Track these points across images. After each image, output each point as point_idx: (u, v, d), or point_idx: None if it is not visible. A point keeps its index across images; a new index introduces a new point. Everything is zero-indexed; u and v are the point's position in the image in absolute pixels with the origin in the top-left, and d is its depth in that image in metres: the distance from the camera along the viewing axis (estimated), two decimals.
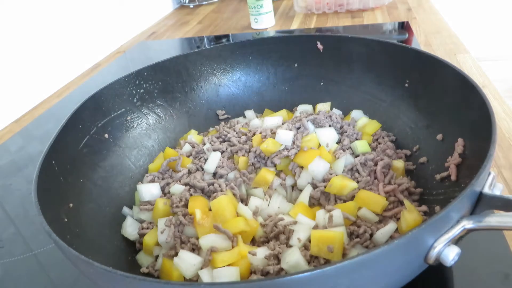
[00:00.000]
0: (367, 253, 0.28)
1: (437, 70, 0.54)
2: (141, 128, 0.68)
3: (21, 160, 0.81)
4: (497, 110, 0.74)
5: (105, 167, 0.59)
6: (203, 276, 0.43)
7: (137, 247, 0.52)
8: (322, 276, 0.28)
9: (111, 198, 0.57)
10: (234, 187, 0.54)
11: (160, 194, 0.57)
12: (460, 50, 0.99)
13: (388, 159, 0.56)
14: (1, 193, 0.72)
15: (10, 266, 0.55)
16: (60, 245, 0.35)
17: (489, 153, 0.36)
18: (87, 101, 0.60)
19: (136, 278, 0.29)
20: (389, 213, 0.49)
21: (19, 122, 0.98)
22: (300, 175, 0.56)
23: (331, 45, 0.71)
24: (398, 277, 0.35)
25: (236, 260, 0.44)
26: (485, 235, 0.47)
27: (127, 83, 0.67)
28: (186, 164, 0.60)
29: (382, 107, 0.66)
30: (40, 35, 1.07)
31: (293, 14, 1.50)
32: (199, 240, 0.47)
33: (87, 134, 0.58)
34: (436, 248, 0.32)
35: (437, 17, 1.25)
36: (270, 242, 0.48)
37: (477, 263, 0.45)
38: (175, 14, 1.75)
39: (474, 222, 0.33)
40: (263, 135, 0.61)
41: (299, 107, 0.73)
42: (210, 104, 0.76)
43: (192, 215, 0.50)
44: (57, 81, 1.14)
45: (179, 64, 0.72)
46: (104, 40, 1.35)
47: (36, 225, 0.61)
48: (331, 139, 0.59)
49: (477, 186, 0.34)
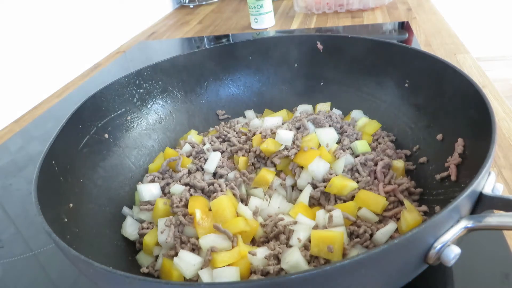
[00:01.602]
0: (367, 253, 0.28)
1: (437, 70, 0.54)
2: (141, 128, 0.68)
3: (21, 160, 0.81)
4: (497, 110, 0.74)
5: (105, 167, 0.59)
6: (203, 276, 0.43)
7: (137, 247, 0.52)
8: (322, 276, 0.28)
9: (111, 198, 0.57)
10: (234, 187, 0.54)
11: (160, 194, 0.57)
12: (460, 50, 1.00)
13: (388, 159, 0.56)
14: (1, 193, 0.72)
15: (10, 266, 0.55)
16: (60, 245, 0.35)
17: (489, 153, 0.36)
18: (87, 101, 0.60)
19: (136, 278, 0.29)
20: (389, 213, 0.49)
21: (19, 122, 0.98)
22: (300, 175, 0.56)
23: (331, 45, 0.71)
24: (398, 277, 0.35)
25: (236, 260, 0.44)
26: (485, 235, 0.47)
27: (127, 83, 0.67)
28: (186, 164, 0.60)
29: (382, 107, 0.66)
30: (40, 35, 1.07)
31: (293, 14, 1.50)
32: (199, 240, 0.47)
33: (87, 134, 0.58)
34: (436, 248, 0.32)
35: (437, 17, 1.25)
36: (270, 242, 0.48)
37: (477, 263, 0.45)
38: (175, 14, 1.75)
39: (474, 222, 0.33)
40: (263, 135, 0.61)
41: (299, 107, 0.73)
42: (210, 104, 0.76)
43: (192, 215, 0.50)
44: (57, 81, 1.14)
45: (179, 64, 0.72)
46: (104, 40, 1.35)
47: (36, 225, 0.61)
48: (331, 139, 0.59)
49: (477, 186, 0.34)
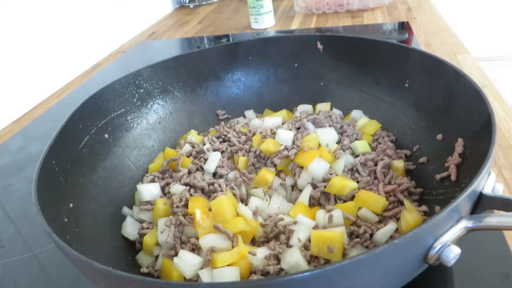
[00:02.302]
0: (367, 253, 0.28)
1: (437, 70, 0.54)
2: (141, 128, 0.68)
3: (21, 160, 0.81)
4: (497, 110, 0.74)
5: (105, 167, 0.59)
6: (203, 276, 0.43)
7: (137, 247, 0.52)
8: (322, 276, 0.28)
9: (111, 198, 0.57)
10: (234, 187, 0.54)
11: (160, 194, 0.57)
12: (460, 50, 1.00)
13: (388, 159, 0.56)
14: (1, 193, 0.72)
15: (10, 266, 0.55)
16: (60, 245, 0.35)
17: (489, 153, 0.36)
18: (87, 101, 0.60)
19: (136, 278, 0.29)
20: (389, 213, 0.49)
21: (19, 122, 0.98)
22: (300, 175, 0.56)
23: (331, 45, 0.71)
24: (398, 277, 0.35)
25: (236, 260, 0.44)
26: (485, 235, 0.47)
27: (127, 83, 0.67)
28: (186, 164, 0.60)
29: (382, 107, 0.66)
30: (40, 35, 1.07)
31: (293, 14, 1.50)
32: (199, 240, 0.47)
33: (87, 134, 0.58)
34: (436, 248, 0.32)
35: (437, 17, 1.25)
36: (270, 242, 0.48)
37: (477, 263, 0.45)
38: (175, 14, 1.75)
39: (474, 222, 0.33)
40: (263, 135, 0.61)
41: (299, 107, 0.73)
42: (210, 104, 0.76)
43: (192, 215, 0.50)
44: (57, 81, 1.14)
45: (179, 64, 0.72)
46: (104, 40, 1.35)
47: (36, 225, 0.61)
48: (331, 139, 0.59)
49: (477, 186, 0.34)
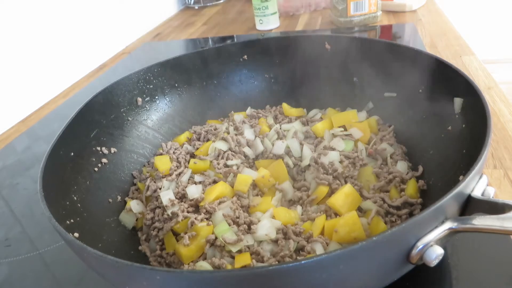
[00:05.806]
0: (345, 249, 0.28)
1: (438, 70, 0.55)
2: (149, 123, 0.70)
3: (28, 160, 0.81)
4: (503, 112, 0.73)
5: (113, 160, 0.61)
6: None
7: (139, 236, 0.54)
8: (300, 269, 0.28)
9: (118, 190, 0.59)
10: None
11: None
12: (466, 52, 0.99)
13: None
14: (8, 192, 0.72)
15: (16, 265, 0.55)
16: (67, 238, 0.35)
17: (480, 157, 0.35)
18: (98, 95, 0.61)
19: (145, 268, 0.29)
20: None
21: (25, 122, 0.99)
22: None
23: (336, 45, 0.71)
24: (381, 275, 0.35)
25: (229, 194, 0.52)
26: (490, 238, 0.47)
27: (137, 79, 0.69)
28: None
29: (383, 107, 0.67)
30: (46, 36, 1.08)
31: (298, 15, 1.50)
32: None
33: (96, 128, 0.60)
34: (418, 247, 0.32)
35: (443, 19, 1.25)
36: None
37: (483, 265, 0.44)
38: (180, 15, 1.76)
39: (458, 223, 0.33)
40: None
41: (311, 112, 0.73)
42: (211, 103, 0.77)
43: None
44: (63, 81, 1.15)
45: (187, 62, 0.74)
46: (109, 41, 1.35)
47: (42, 225, 0.62)
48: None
49: (464, 188, 0.34)
